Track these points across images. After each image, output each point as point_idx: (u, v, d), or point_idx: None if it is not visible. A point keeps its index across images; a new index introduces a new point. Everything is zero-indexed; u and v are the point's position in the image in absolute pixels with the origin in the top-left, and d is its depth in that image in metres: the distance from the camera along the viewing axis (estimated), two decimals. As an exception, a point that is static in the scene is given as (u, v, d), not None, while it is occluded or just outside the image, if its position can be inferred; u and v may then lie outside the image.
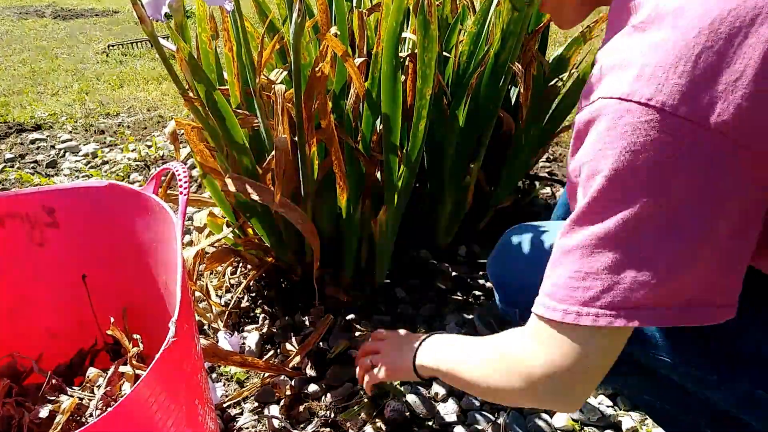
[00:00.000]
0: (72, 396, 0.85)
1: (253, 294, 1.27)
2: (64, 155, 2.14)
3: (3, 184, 1.90)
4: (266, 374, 1.04)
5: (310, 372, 1.05)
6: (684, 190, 0.43)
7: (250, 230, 1.18)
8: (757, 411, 0.58)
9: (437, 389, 1.01)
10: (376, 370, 0.83)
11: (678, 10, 0.44)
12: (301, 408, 0.99)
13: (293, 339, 1.12)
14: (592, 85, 0.48)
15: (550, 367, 0.52)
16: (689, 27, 0.43)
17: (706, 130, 0.42)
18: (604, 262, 0.46)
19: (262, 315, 1.20)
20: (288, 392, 1.01)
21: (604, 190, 0.45)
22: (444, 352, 0.72)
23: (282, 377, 1.04)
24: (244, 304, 1.24)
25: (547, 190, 1.72)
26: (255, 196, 0.96)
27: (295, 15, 0.86)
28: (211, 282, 1.26)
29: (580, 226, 0.48)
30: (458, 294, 1.27)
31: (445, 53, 1.23)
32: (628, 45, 0.46)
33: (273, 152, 0.97)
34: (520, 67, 1.15)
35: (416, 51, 1.00)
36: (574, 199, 0.50)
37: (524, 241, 0.82)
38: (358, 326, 1.16)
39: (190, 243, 1.38)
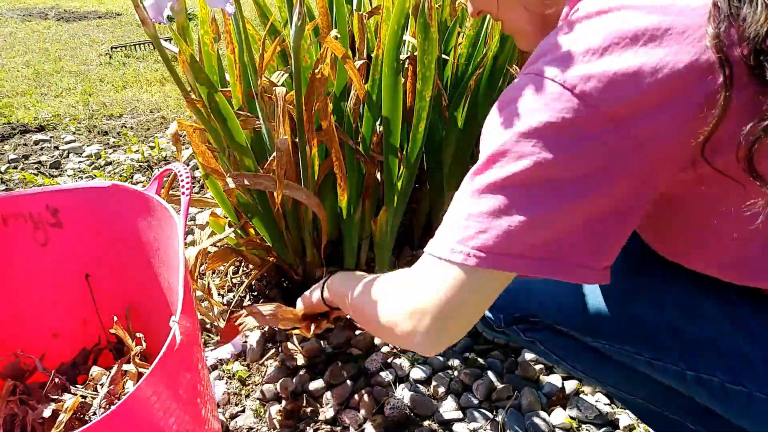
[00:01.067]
0: (75, 394, 0.86)
1: (255, 293, 1.28)
2: (67, 156, 2.16)
3: (7, 185, 1.91)
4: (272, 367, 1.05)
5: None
6: (567, 158, 0.47)
7: (251, 230, 1.19)
8: (730, 405, 0.59)
9: (437, 387, 1.02)
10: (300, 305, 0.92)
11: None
12: (302, 406, 1.00)
13: (294, 337, 1.13)
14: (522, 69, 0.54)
15: (421, 301, 0.54)
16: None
17: (597, 112, 0.46)
18: (486, 206, 0.50)
19: (264, 314, 1.21)
20: (289, 390, 1.02)
21: (502, 144, 0.50)
22: (346, 282, 0.77)
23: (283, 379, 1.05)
24: (246, 303, 1.25)
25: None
26: (259, 186, 0.97)
27: (295, 18, 0.87)
28: (213, 281, 1.27)
29: (476, 174, 0.52)
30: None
31: (443, 55, 1.24)
32: (552, 37, 0.51)
33: (274, 153, 0.98)
34: (517, 69, 1.16)
35: (416, 53, 1.01)
36: None
37: None
38: (358, 326, 1.17)
39: (193, 243, 1.39)
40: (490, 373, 1.05)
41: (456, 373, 1.06)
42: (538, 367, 1.06)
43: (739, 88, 0.43)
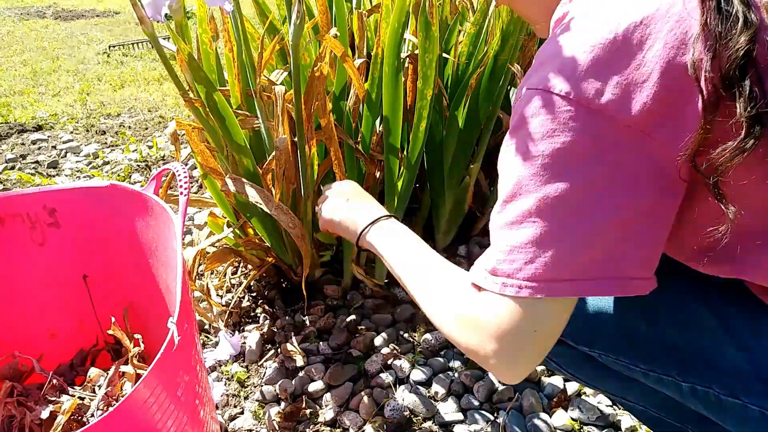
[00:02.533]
0: (73, 396, 0.85)
1: (254, 294, 1.27)
2: (65, 156, 2.15)
3: (4, 185, 1.90)
4: (265, 374, 1.05)
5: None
6: (594, 174, 0.47)
7: (250, 230, 1.18)
8: (727, 416, 0.59)
9: (437, 389, 1.01)
10: (329, 216, 0.81)
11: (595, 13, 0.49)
12: (302, 407, 0.99)
13: (294, 338, 1.12)
14: (524, 78, 0.53)
15: (489, 330, 0.53)
16: (602, 31, 0.47)
17: (614, 122, 0.46)
18: (526, 236, 0.49)
19: (263, 315, 1.21)
20: (288, 392, 1.02)
21: (527, 170, 0.49)
22: (394, 247, 0.74)
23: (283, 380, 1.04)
24: (245, 303, 1.25)
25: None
26: (252, 197, 0.96)
27: (294, 16, 0.86)
28: (212, 282, 1.26)
29: (507, 203, 0.51)
30: (458, 294, 1.27)
31: (444, 54, 1.23)
32: (552, 45, 0.50)
33: (273, 152, 0.98)
34: (519, 67, 1.15)
35: (416, 52, 1.00)
36: None
37: None
38: (358, 326, 1.16)
39: (191, 243, 1.39)
40: (490, 375, 1.04)
41: (456, 374, 1.05)
42: (539, 368, 1.06)
43: (719, 107, 0.44)
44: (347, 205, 0.80)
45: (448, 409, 0.98)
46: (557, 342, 0.72)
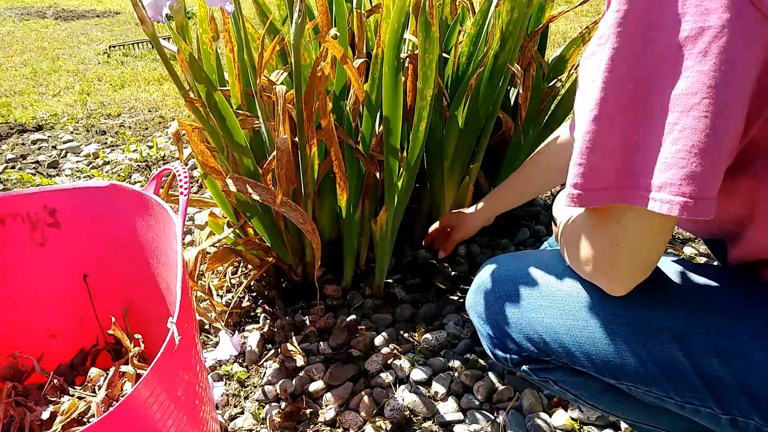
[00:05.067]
0: (73, 396, 0.85)
1: (254, 294, 1.27)
2: (65, 156, 2.15)
3: (4, 185, 1.90)
4: (267, 374, 1.05)
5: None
6: (716, 62, 0.44)
7: (250, 230, 1.18)
8: None
9: (437, 388, 1.01)
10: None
11: None
12: (302, 407, 0.99)
13: (294, 338, 1.13)
14: None
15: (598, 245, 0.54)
16: None
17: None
18: (641, 142, 0.48)
19: (263, 315, 1.21)
20: (288, 392, 1.02)
21: (643, 63, 0.46)
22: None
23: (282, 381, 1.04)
24: (245, 303, 1.25)
25: (547, 190, 1.73)
26: (256, 196, 0.96)
27: (296, 15, 0.86)
28: (212, 282, 1.26)
29: (611, 108, 0.49)
30: (458, 294, 1.27)
31: (444, 54, 1.23)
32: None
33: (274, 153, 0.98)
34: (519, 68, 1.16)
35: (416, 52, 1.00)
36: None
37: (517, 276, 0.74)
38: (358, 326, 1.16)
39: (192, 243, 1.39)
40: (491, 374, 1.04)
41: (456, 374, 1.05)
42: (539, 367, 1.06)
43: None
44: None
45: (448, 409, 0.98)
46: (574, 372, 0.69)
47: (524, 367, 0.73)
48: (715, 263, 0.78)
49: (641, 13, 0.47)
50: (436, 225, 1.24)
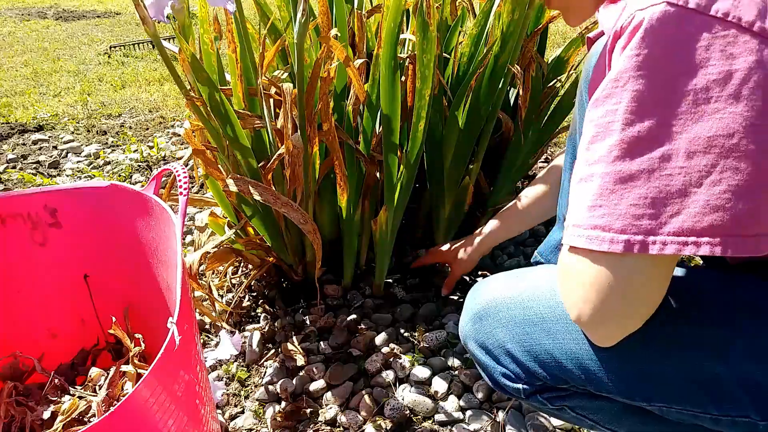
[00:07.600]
0: (74, 395, 0.86)
1: (255, 293, 1.27)
2: (66, 156, 2.15)
3: (5, 185, 1.91)
4: (267, 373, 1.05)
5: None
6: (750, 103, 0.43)
7: (251, 230, 1.18)
8: None
9: (437, 388, 1.02)
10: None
11: None
12: (302, 407, 0.99)
13: (294, 338, 1.13)
14: (612, 14, 0.48)
15: (593, 303, 0.51)
16: None
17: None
18: (672, 186, 0.45)
19: (264, 314, 1.21)
20: (289, 391, 1.02)
21: (669, 106, 0.45)
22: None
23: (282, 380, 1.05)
24: (246, 303, 1.25)
25: (547, 190, 1.72)
26: (257, 196, 0.96)
27: (299, 14, 0.86)
28: (213, 281, 1.26)
29: (635, 149, 0.46)
30: (458, 294, 1.27)
31: (445, 54, 1.23)
32: None
33: (276, 153, 0.98)
34: (519, 68, 1.16)
35: (416, 52, 1.01)
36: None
37: (512, 298, 0.69)
38: (358, 325, 1.17)
39: (192, 243, 1.39)
40: (490, 374, 1.05)
41: (456, 373, 1.05)
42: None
43: None
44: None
45: (448, 408, 0.98)
46: (593, 396, 0.65)
47: (538, 397, 0.68)
48: (702, 264, 0.78)
49: (662, 56, 0.46)
50: (427, 257, 1.25)
